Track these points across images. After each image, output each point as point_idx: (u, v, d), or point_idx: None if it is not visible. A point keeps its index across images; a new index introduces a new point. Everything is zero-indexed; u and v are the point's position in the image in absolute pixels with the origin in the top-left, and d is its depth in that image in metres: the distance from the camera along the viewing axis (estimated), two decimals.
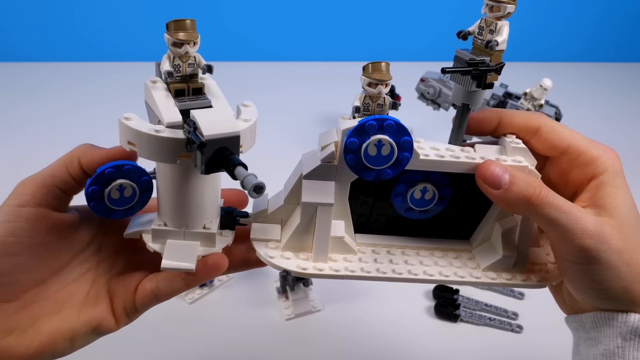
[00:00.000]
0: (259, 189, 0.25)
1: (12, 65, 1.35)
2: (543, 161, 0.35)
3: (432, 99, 0.77)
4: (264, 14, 1.38)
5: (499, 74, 0.36)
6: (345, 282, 0.64)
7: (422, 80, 0.77)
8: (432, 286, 0.63)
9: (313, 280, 0.60)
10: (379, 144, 0.31)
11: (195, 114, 0.29)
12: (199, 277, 0.32)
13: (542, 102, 0.67)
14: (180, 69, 0.31)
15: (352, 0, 1.37)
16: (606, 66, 1.46)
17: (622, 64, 1.48)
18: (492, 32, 0.36)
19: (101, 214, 0.31)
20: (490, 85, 0.35)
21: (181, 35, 0.29)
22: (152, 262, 0.33)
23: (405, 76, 0.97)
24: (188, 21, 0.30)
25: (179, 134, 0.28)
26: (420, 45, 1.46)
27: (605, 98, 1.25)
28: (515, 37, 1.43)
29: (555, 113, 0.70)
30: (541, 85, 0.66)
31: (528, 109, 0.67)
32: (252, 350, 0.56)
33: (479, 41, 0.36)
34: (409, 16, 1.42)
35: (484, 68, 0.34)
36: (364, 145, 0.31)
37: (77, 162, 0.30)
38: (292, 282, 0.58)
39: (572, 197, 0.34)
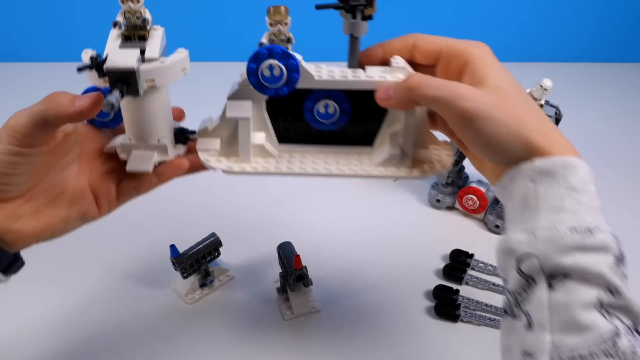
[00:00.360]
0: (109, 105, 0.35)
1: (12, 65, 1.35)
2: (432, 72, 0.41)
3: None
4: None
5: (372, 7, 0.42)
6: (346, 282, 0.64)
7: None
8: (432, 287, 0.63)
9: (313, 280, 0.60)
10: (271, 67, 0.40)
11: (112, 52, 0.39)
12: (168, 172, 0.45)
13: (542, 102, 0.67)
14: (131, 21, 0.41)
15: None
16: (606, 66, 1.46)
17: (623, 64, 1.48)
18: None
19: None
20: (370, 17, 0.43)
21: None
22: (122, 168, 0.43)
23: None
24: None
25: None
26: None
27: (606, 98, 1.25)
28: (515, 37, 1.44)
29: (556, 113, 0.70)
30: (541, 86, 0.66)
31: None
32: (252, 350, 0.56)
33: None
34: (409, 16, 1.42)
35: (354, 3, 0.41)
36: (260, 68, 0.40)
37: (52, 117, 0.38)
38: (292, 282, 0.58)
39: None
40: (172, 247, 0.58)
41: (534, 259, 0.32)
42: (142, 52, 0.40)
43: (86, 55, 0.41)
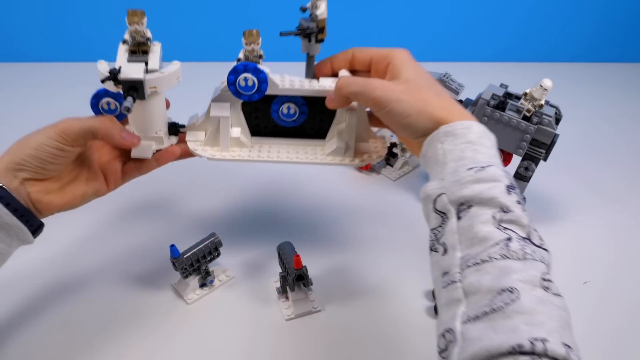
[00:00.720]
0: (126, 109, 0.48)
1: (12, 66, 1.35)
2: (368, 76, 0.53)
3: None
4: (263, 14, 1.38)
5: (323, 33, 0.56)
6: (346, 282, 0.64)
7: None
8: (431, 287, 0.62)
9: (313, 280, 0.60)
10: (245, 79, 0.53)
11: (124, 65, 0.50)
12: (164, 158, 0.57)
13: (542, 102, 0.67)
14: (136, 39, 0.52)
15: (353, 1, 1.37)
16: (606, 66, 1.46)
17: (622, 64, 1.48)
18: (315, 7, 0.55)
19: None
20: (322, 40, 0.57)
21: (130, 19, 0.50)
22: (126, 153, 0.56)
23: None
24: (137, 11, 0.51)
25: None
26: (420, 45, 1.46)
27: (605, 98, 1.25)
28: (515, 37, 1.44)
29: (555, 113, 0.70)
30: (541, 86, 0.66)
31: (528, 110, 0.67)
32: (252, 350, 0.56)
33: (311, 13, 0.56)
34: (409, 16, 1.42)
35: (309, 32, 0.55)
36: (237, 80, 0.53)
37: (94, 136, 0.51)
38: (292, 282, 0.58)
39: None
40: (172, 247, 0.58)
41: (443, 197, 0.40)
42: (146, 63, 0.51)
43: (101, 66, 0.51)
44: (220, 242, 0.62)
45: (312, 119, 0.58)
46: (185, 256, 0.59)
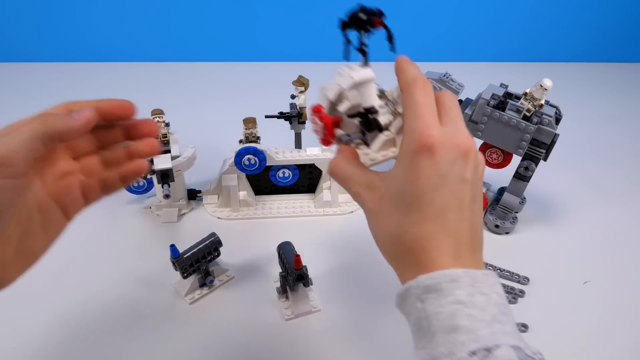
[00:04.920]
0: (166, 196, 0.68)
1: (12, 65, 1.35)
2: None
3: None
4: (263, 14, 1.38)
5: (302, 118, 0.80)
6: (346, 282, 0.64)
7: None
8: None
9: (313, 280, 0.60)
10: (249, 159, 0.72)
11: (155, 158, 0.69)
12: (130, 175, 0.40)
13: (542, 102, 0.67)
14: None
15: (354, 1, 1.37)
16: (606, 66, 1.46)
17: (622, 64, 1.48)
18: (297, 97, 0.78)
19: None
20: (303, 122, 0.80)
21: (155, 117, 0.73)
22: (71, 170, 0.38)
23: None
24: (158, 110, 0.74)
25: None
26: (420, 45, 1.46)
27: (606, 98, 1.25)
28: (516, 37, 1.44)
29: (556, 113, 0.70)
30: (541, 85, 0.66)
31: (528, 109, 0.67)
32: (252, 350, 0.56)
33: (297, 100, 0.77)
34: (410, 16, 1.42)
35: (289, 116, 0.80)
36: (242, 160, 0.73)
37: (57, 138, 0.34)
38: (292, 282, 0.58)
39: None
40: (172, 247, 0.58)
41: None
42: (169, 151, 0.71)
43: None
44: (220, 242, 0.62)
45: (302, 179, 0.79)
46: (185, 256, 0.59)
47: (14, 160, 0.31)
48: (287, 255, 0.59)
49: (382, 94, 0.40)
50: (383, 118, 0.39)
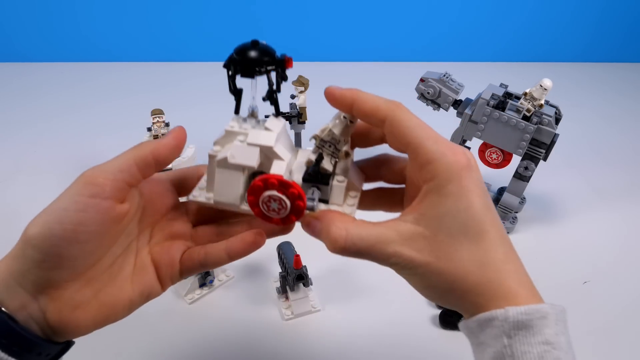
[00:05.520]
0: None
1: (12, 65, 1.35)
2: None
3: (432, 99, 0.76)
4: (263, 14, 1.38)
5: (302, 118, 0.79)
6: (346, 282, 0.64)
7: (422, 80, 0.77)
8: None
9: (313, 280, 0.60)
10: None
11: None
12: (241, 251, 0.36)
13: (542, 102, 0.67)
14: (158, 130, 0.72)
15: (354, 1, 1.37)
16: (606, 66, 1.46)
17: (622, 64, 1.48)
18: (297, 97, 0.77)
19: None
20: (303, 122, 0.79)
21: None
22: (183, 233, 0.37)
23: (405, 76, 0.97)
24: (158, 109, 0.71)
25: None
26: (420, 45, 1.46)
27: (605, 98, 1.25)
28: (516, 37, 1.44)
29: (555, 113, 0.70)
30: (541, 85, 0.66)
31: (528, 109, 0.67)
32: (252, 350, 0.56)
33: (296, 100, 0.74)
34: (410, 16, 1.42)
35: (291, 116, 0.79)
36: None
37: (151, 159, 0.33)
38: (292, 282, 0.58)
39: None
40: None
41: None
42: None
43: None
44: None
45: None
46: None
47: (100, 180, 0.31)
48: (287, 255, 0.59)
49: (315, 137, 0.34)
50: (327, 165, 0.34)
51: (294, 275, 0.57)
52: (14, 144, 0.95)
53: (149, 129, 0.72)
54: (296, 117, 0.79)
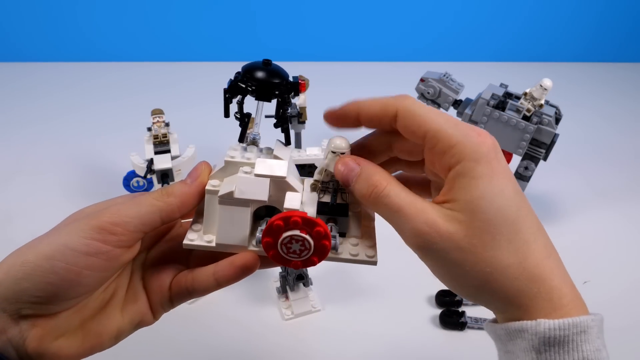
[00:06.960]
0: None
1: (12, 65, 1.35)
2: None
3: (432, 99, 0.76)
4: (263, 14, 1.38)
5: (302, 118, 0.76)
6: (346, 282, 0.64)
7: (422, 80, 0.77)
8: (434, 292, 0.62)
9: (313, 280, 0.60)
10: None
11: (155, 158, 0.69)
12: (231, 277, 0.33)
13: (542, 102, 0.67)
14: (158, 131, 0.71)
15: (354, 1, 1.37)
16: (606, 66, 1.46)
17: (622, 64, 1.48)
18: (297, 97, 0.67)
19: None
20: (303, 122, 0.77)
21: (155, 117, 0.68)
22: (177, 256, 0.35)
23: (405, 76, 0.97)
24: (158, 109, 0.70)
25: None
26: (420, 45, 1.46)
27: (605, 98, 1.25)
28: (515, 37, 1.44)
29: (555, 113, 0.70)
30: (541, 85, 0.66)
31: (528, 109, 0.67)
32: (252, 350, 0.56)
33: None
34: (410, 16, 1.42)
35: (291, 116, 0.73)
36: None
37: (177, 213, 0.31)
38: (292, 282, 0.58)
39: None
40: None
41: None
42: (169, 151, 0.70)
43: (134, 159, 0.71)
44: None
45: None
46: None
47: (119, 230, 0.29)
48: None
49: (316, 183, 0.33)
50: (339, 200, 0.32)
51: (294, 275, 0.57)
52: (14, 144, 0.95)
53: (149, 129, 0.71)
54: (296, 117, 0.79)
